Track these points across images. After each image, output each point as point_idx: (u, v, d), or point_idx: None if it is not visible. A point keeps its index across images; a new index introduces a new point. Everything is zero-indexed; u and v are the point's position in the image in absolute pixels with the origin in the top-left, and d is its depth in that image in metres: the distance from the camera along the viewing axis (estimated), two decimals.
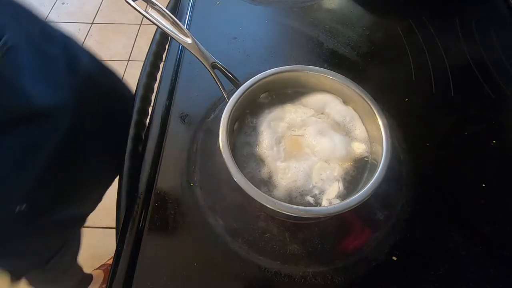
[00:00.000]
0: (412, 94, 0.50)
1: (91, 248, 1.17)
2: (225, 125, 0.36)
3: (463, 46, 0.55)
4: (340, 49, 0.55)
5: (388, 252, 0.38)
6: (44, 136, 0.42)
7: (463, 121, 0.48)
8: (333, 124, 0.41)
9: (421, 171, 0.43)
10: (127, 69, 1.59)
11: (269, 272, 0.37)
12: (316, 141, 0.39)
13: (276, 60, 0.54)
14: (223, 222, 0.39)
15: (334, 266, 0.37)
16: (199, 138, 0.45)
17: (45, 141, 0.42)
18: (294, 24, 0.59)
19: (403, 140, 0.45)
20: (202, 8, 0.60)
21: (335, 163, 0.38)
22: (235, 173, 0.33)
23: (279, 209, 0.32)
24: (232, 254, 0.38)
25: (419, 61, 0.53)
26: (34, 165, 0.42)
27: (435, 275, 0.36)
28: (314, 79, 0.42)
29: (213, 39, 0.56)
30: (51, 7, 1.85)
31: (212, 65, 0.41)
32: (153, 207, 0.40)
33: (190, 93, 0.50)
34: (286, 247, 0.38)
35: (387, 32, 0.58)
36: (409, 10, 0.61)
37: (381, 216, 0.40)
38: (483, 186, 0.42)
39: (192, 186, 0.42)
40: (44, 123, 0.42)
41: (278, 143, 0.39)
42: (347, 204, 0.32)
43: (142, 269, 0.37)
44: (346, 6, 0.62)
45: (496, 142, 0.46)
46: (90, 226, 1.21)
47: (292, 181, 0.36)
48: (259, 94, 0.42)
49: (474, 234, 0.39)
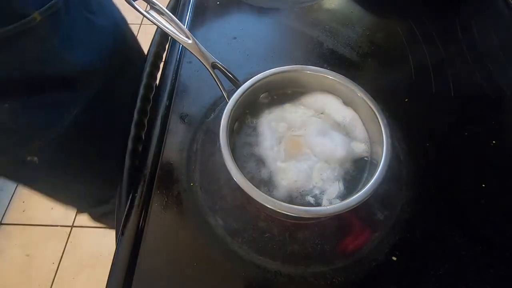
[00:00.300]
0: (412, 94, 0.50)
1: (91, 248, 1.17)
2: (225, 125, 0.36)
3: (463, 46, 0.55)
4: (340, 49, 0.55)
5: (388, 252, 0.38)
6: (75, 97, 0.46)
7: (463, 121, 0.48)
8: (333, 124, 0.41)
9: (421, 171, 0.43)
10: None
11: (269, 272, 0.37)
12: (316, 142, 0.39)
13: (276, 60, 0.54)
14: (223, 222, 0.39)
15: (334, 266, 0.37)
16: (199, 138, 0.45)
17: (75, 102, 0.46)
18: (294, 24, 0.59)
19: (403, 140, 0.45)
20: (202, 8, 0.60)
21: (336, 163, 0.38)
22: (235, 173, 0.33)
23: (279, 209, 0.32)
24: (232, 254, 0.38)
25: (419, 61, 0.53)
26: (62, 124, 0.46)
27: (435, 275, 0.36)
28: (314, 79, 0.42)
29: (213, 39, 0.56)
30: None
31: (212, 65, 0.41)
32: (153, 207, 0.40)
33: (190, 93, 0.50)
34: (286, 247, 0.38)
35: (387, 32, 0.58)
36: (409, 10, 0.61)
37: (381, 216, 0.40)
38: (483, 186, 0.42)
39: (192, 186, 0.42)
40: (77, 85, 0.45)
41: (278, 143, 0.39)
42: (347, 204, 0.32)
43: (142, 269, 0.37)
44: (346, 6, 0.62)
45: (496, 142, 0.46)
46: (90, 226, 1.21)
47: (293, 181, 0.36)
48: (259, 94, 0.42)
49: (474, 234, 0.39)
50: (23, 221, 1.23)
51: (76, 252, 1.17)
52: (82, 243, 1.19)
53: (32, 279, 1.13)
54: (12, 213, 1.24)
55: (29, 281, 1.12)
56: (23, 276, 1.12)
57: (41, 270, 1.14)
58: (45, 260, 1.16)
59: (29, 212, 1.24)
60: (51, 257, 1.16)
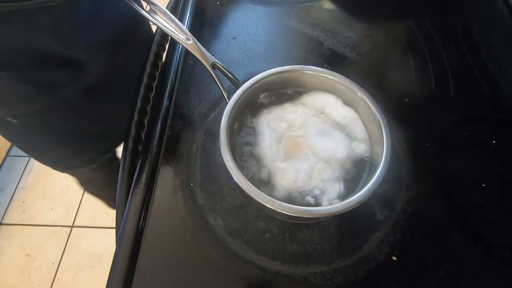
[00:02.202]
0: (412, 94, 0.50)
1: (91, 248, 1.17)
2: (225, 125, 0.36)
3: (463, 46, 0.55)
4: (340, 49, 0.55)
5: (388, 252, 0.38)
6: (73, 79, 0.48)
7: (463, 121, 0.48)
8: (333, 124, 0.41)
9: (421, 171, 0.43)
10: None
11: (269, 272, 0.37)
12: (316, 142, 0.39)
13: (276, 60, 0.54)
14: (223, 222, 0.39)
15: (334, 266, 0.37)
16: (199, 138, 0.45)
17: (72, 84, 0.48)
18: (294, 24, 0.59)
19: (403, 140, 0.45)
20: (202, 8, 0.60)
21: (336, 163, 0.38)
22: (235, 173, 0.33)
23: (279, 209, 0.32)
24: (232, 254, 0.38)
25: (419, 61, 0.53)
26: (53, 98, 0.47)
27: (435, 275, 0.36)
28: (314, 79, 0.42)
29: (213, 39, 0.56)
30: None
31: (212, 65, 0.41)
32: (153, 207, 0.40)
33: (190, 93, 0.50)
34: (286, 247, 0.38)
35: (387, 32, 0.58)
36: (409, 10, 0.61)
37: (381, 216, 0.40)
38: (483, 186, 0.42)
39: (192, 186, 0.42)
40: (80, 66, 0.46)
41: (277, 143, 0.39)
42: (347, 204, 0.32)
43: (142, 269, 0.37)
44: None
45: (496, 142, 0.46)
46: (90, 226, 1.21)
47: (292, 181, 0.36)
48: (259, 94, 0.42)
49: (474, 234, 0.39)
50: (23, 221, 1.23)
51: (76, 252, 1.18)
52: (82, 243, 1.19)
53: (32, 279, 1.13)
54: (12, 213, 1.24)
55: (29, 281, 1.12)
56: (23, 276, 1.12)
57: (41, 270, 1.14)
58: (45, 260, 1.16)
59: (29, 212, 1.24)
60: (51, 257, 1.17)
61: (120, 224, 0.40)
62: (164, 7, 0.40)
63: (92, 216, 1.24)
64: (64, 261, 1.16)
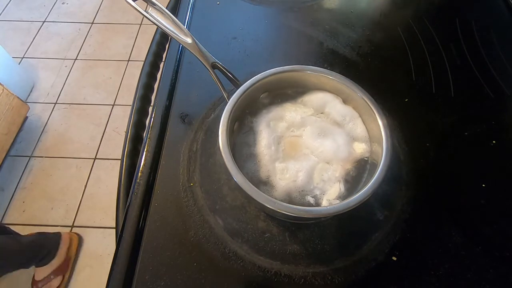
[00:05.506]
0: (412, 94, 0.50)
1: (91, 248, 1.17)
2: (225, 125, 0.36)
3: (463, 46, 0.55)
4: (340, 49, 0.55)
5: (388, 252, 0.38)
6: None
7: (463, 121, 0.48)
8: (333, 123, 0.41)
9: (421, 171, 0.43)
10: (127, 69, 1.59)
11: (269, 272, 0.37)
12: (316, 142, 0.39)
13: (276, 60, 0.54)
14: (223, 222, 0.39)
15: (334, 266, 0.37)
16: (199, 138, 0.45)
17: None
18: (294, 24, 0.59)
19: (403, 140, 0.45)
20: (202, 8, 0.60)
21: (337, 163, 0.38)
22: (235, 173, 0.33)
23: (279, 209, 0.32)
24: (232, 254, 0.38)
25: (419, 61, 0.53)
26: None
27: (435, 275, 0.36)
28: (314, 79, 0.42)
29: (213, 39, 0.56)
30: (51, 7, 1.85)
31: (212, 65, 0.41)
32: (153, 207, 0.40)
33: (190, 93, 0.50)
34: (286, 247, 0.38)
35: (387, 32, 0.58)
36: (409, 10, 0.61)
37: (381, 216, 0.40)
38: (483, 186, 0.42)
39: (192, 186, 0.42)
40: None
41: (277, 143, 0.39)
42: (347, 204, 0.32)
43: (142, 269, 0.37)
44: (346, 6, 0.62)
45: (496, 142, 0.46)
46: (90, 226, 1.21)
47: (291, 181, 0.36)
48: (259, 94, 0.42)
49: (474, 234, 0.39)
50: (23, 221, 1.23)
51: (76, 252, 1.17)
52: (82, 243, 1.19)
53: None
54: (12, 213, 1.24)
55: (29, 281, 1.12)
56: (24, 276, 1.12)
57: None
58: None
59: (29, 212, 1.24)
60: None
61: (120, 224, 0.40)
62: (164, 7, 0.40)
63: (92, 216, 1.24)
64: None
